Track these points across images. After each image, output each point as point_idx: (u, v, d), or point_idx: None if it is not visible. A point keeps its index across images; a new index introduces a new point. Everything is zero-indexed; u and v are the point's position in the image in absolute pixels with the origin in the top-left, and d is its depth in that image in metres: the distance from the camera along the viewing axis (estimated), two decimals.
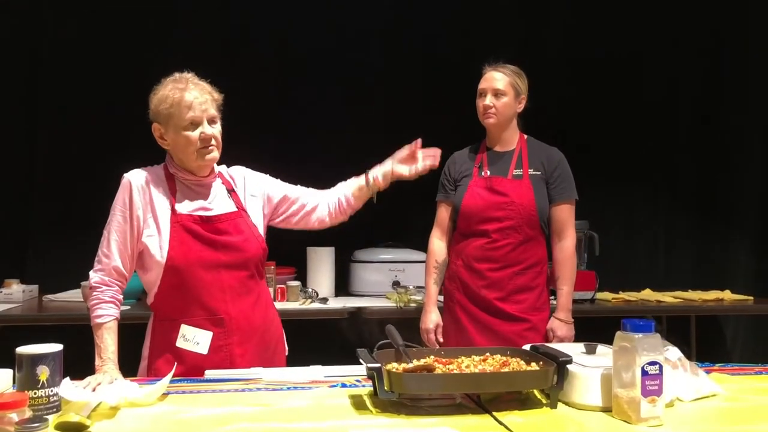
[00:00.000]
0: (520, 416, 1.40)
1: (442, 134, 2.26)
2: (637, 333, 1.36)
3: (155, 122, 1.85)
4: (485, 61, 2.57)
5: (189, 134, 1.80)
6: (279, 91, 3.88)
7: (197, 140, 1.80)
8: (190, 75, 1.86)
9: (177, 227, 1.81)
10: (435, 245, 2.66)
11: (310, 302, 3.25)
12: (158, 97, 1.83)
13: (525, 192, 2.44)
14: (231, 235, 1.86)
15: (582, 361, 1.50)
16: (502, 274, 2.45)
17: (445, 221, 2.62)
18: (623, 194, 4.06)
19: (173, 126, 1.80)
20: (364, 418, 1.40)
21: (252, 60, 3.79)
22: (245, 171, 2.04)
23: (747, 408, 1.50)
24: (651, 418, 1.33)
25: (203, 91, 1.83)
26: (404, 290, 3.32)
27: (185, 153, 1.83)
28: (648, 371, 1.33)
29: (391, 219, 3.85)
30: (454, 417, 1.39)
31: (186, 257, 1.79)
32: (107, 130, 3.68)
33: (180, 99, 1.79)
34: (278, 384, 1.65)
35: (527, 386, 1.46)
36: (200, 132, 1.80)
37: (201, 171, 1.88)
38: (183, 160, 1.85)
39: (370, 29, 3.93)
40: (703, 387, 1.56)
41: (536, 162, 2.49)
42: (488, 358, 1.57)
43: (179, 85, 1.82)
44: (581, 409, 1.44)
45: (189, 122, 1.79)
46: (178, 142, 1.82)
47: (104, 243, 1.83)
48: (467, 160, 2.58)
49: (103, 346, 1.73)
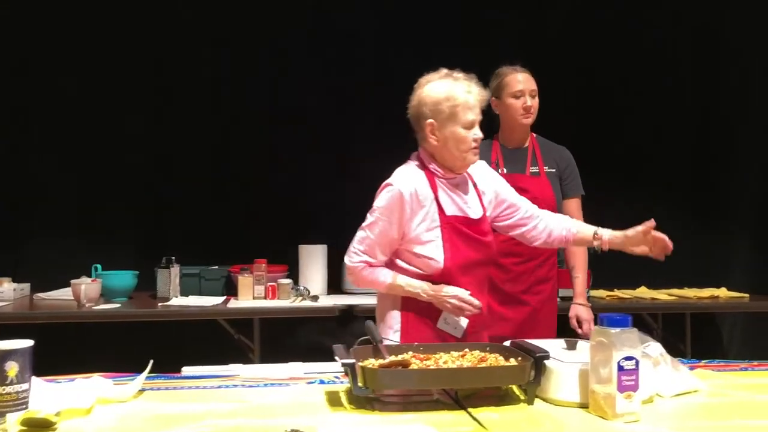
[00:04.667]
0: (496, 412, 1.38)
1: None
2: (614, 328, 1.34)
3: (429, 119, 1.90)
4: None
5: (465, 134, 1.87)
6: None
7: (471, 141, 1.89)
8: (469, 76, 1.92)
9: (447, 229, 1.90)
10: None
11: (301, 300, 3.23)
12: (437, 92, 1.89)
13: (545, 188, 2.56)
14: (486, 235, 1.98)
15: (560, 356, 1.48)
16: (525, 267, 2.54)
17: None
18: (618, 191, 4.02)
19: (451, 124, 1.87)
20: (338, 414, 1.39)
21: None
22: (480, 164, 2.06)
23: (727, 404, 1.49)
24: (627, 414, 1.32)
25: (479, 96, 1.91)
26: None
27: (457, 150, 1.90)
28: (624, 366, 1.32)
29: None
30: (430, 413, 1.38)
31: (456, 259, 1.89)
32: (97, 132, 3.69)
33: (466, 101, 1.87)
34: (255, 381, 1.63)
35: (503, 382, 1.44)
36: (474, 134, 1.89)
37: (462, 169, 1.97)
38: (447, 157, 1.92)
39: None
40: (684, 383, 1.54)
41: (550, 160, 2.62)
42: (467, 353, 1.56)
43: (463, 86, 1.88)
44: (559, 405, 1.42)
45: (470, 123, 1.88)
46: (452, 139, 1.88)
47: (366, 242, 1.93)
48: (482, 157, 2.64)
49: (416, 285, 1.88)
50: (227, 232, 3.78)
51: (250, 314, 3.17)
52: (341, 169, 3.90)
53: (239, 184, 3.88)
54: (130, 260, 3.44)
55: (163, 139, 3.83)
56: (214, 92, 3.87)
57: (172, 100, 3.84)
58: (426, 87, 1.92)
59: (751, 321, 3.95)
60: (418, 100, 1.93)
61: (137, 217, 3.77)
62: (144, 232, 3.76)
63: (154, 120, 3.83)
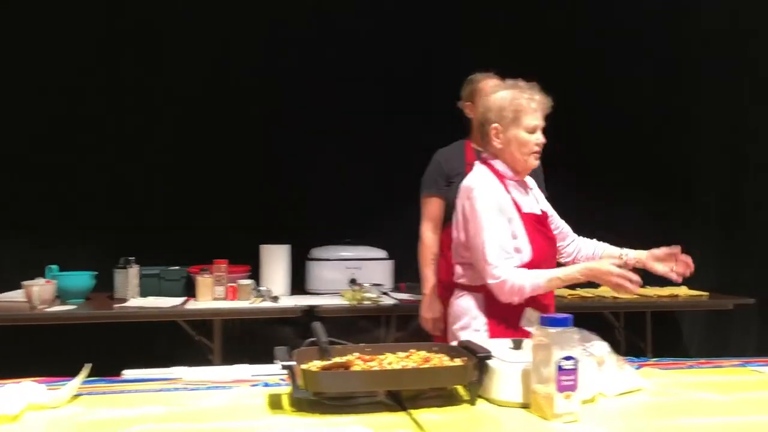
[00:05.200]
0: (438, 413, 1.37)
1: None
2: (553, 328, 1.33)
3: (494, 123, 2.00)
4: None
5: (528, 138, 1.98)
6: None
7: (533, 144, 1.99)
8: (531, 84, 2.02)
9: (529, 225, 2.00)
10: (430, 238, 2.75)
11: (261, 301, 3.20)
12: (502, 99, 2.00)
13: None
14: (552, 232, 2.11)
15: (504, 356, 1.47)
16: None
17: (438, 215, 2.72)
18: (582, 190, 4.05)
19: (514, 127, 1.98)
20: (277, 417, 1.36)
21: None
22: (530, 180, 2.18)
23: (669, 402, 1.49)
24: (566, 414, 1.31)
25: (542, 102, 2.00)
26: (358, 288, 3.29)
27: (519, 153, 2.00)
28: (563, 366, 1.31)
29: (350, 216, 3.83)
30: (371, 415, 1.36)
31: (539, 252, 1.98)
32: (53, 127, 3.61)
33: (529, 106, 1.97)
34: (198, 383, 1.60)
35: (445, 382, 1.43)
36: (536, 138, 1.99)
37: (523, 172, 2.07)
38: (510, 160, 2.03)
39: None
40: (628, 382, 1.54)
41: None
42: (412, 354, 1.54)
43: (526, 94, 1.99)
44: (501, 405, 1.41)
45: (532, 127, 1.98)
46: (515, 141, 1.99)
47: (496, 247, 1.92)
48: (456, 158, 2.71)
49: (571, 270, 1.95)
50: (192, 233, 3.72)
51: (209, 315, 3.13)
52: (306, 169, 3.88)
53: (202, 183, 3.84)
54: (93, 261, 3.38)
55: (123, 138, 3.77)
56: (171, 91, 3.82)
57: (131, 97, 3.78)
58: (492, 95, 2.05)
59: (710, 319, 4.01)
60: (484, 107, 2.05)
61: (100, 216, 3.70)
62: (108, 232, 3.69)
63: (113, 117, 3.76)
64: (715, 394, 1.54)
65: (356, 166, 3.88)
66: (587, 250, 2.21)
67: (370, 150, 3.87)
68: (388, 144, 3.79)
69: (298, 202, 3.84)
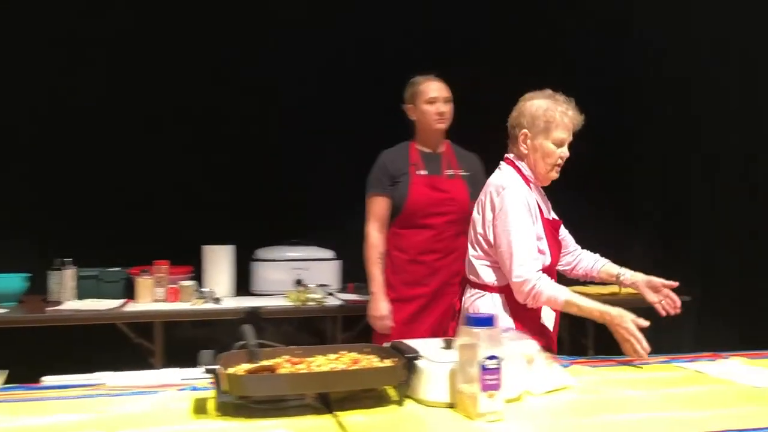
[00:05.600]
0: (365, 415, 1.36)
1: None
2: (478, 327, 1.34)
3: (524, 130, 2.06)
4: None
5: (554, 150, 2.04)
6: None
7: (558, 157, 2.05)
8: (569, 99, 2.07)
9: (548, 230, 2.07)
10: (376, 237, 2.75)
11: (204, 303, 3.14)
12: (537, 107, 2.04)
13: (460, 190, 2.70)
14: (559, 240, 2.19)
15: (433, 356, 1.48)
16: (443, 262, 2.67)
17: (384, 214, 2.73)
18: None
19: (543, 137, 2.04)
20: (200, 422, 1.33)
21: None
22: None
23: (594, 400, 1.51)
24: (489, 413, 1.31)
25: (574, 119, 2.05)
26: (303, 289, 3.26)
27: (542, 162, 2.06)
28: (487, 366, 1.32)
29: (296, 217, 3.80)
30: (296, 418, 1.34)
31: (555, 260, 2.09)
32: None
33: (562, 120, 2.02)
34: (121, 389, 1.55)
35: (373, 384, 1.42)
36: (561, 151, 2.05)
37: (543, 182, 2.12)
38: (536, 166, 2.07)
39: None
40: (555, 380, 1.56)
41: (464, 164, 2.76)
42: (343, 355, 1.53)
43: (561, 107, 2.03)
44: (429, 405, 1.41)
45: (560, 141, 2.04)
46: (541, 150, 2.04)
47: (523, 249, 1.96)
48: (401, 159, 2.74)
49: (594, 306, 1.97)
50: (133, 233, 3.63)
51: (148, 317, 3.06)
52: (250, 169, 3.83)
53: (143, 181, 3.74)
54: (27, 262, 3.25)
55: (61, 135, 3.65)
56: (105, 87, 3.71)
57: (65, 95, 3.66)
58: (529, 102, 2.09)
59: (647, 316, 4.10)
60: (519, 111, 2.09)
61: (35, 216, 3.57)
62: (43, 232, 3.55)
63: (49, 116, 3.64)
64: (639, 390, 1.58)
65: (304, 166, 3.86)
66: (586, 263, 2.25)
67: (317, 150, 3.85)
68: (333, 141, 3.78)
69: (244, 202, 3.79)
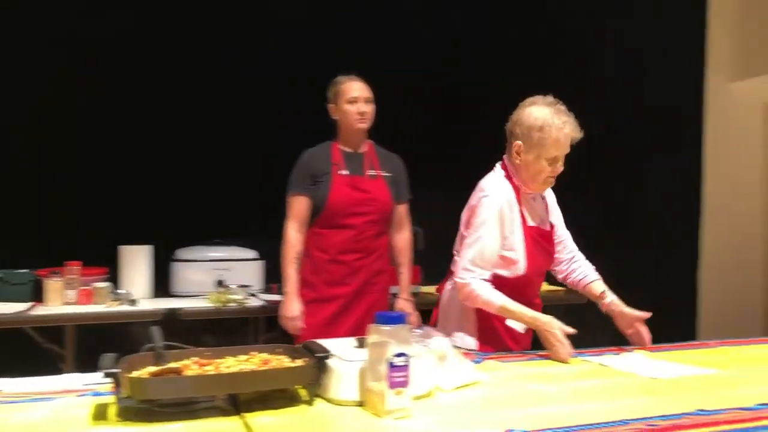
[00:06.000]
0: (273, 416, 1.34)
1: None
2: (387, 325, 1.35)
3: (518, 141, 2.06)
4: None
5: (546, 167, 2.03)
6: None
7: (548, 173, 2.04)
8: (569, 113, 2.04)
9: (529, 239, 2.08)
10: (294, 237, 2.71)
11: (119, 305, 3.03)
12: (535, 118, 2.01)
13: (382, 190, 2.70)
14: (553, 247, 2.22)
15: (344, 355, 1.47)
16: (364, 262, 2.67)
17: (304, 214, 2.71)
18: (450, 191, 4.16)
19: (536, 155, 2.03)
20: (98, 428, 1.28)
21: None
22: (549, 192, 2.26)
23: (501, 394, 1.55)
24: (397, 410, 1.32)
25: (571, 136, 2.02)
26: (224, 290, 3.19)
27: (534, 178, 2.07)
28: (394, 363, 1.33)
29: (218, 217, 3.72)
30: (201, 421, 1.31)
31: (535, 266, 2.09)
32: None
33: (557, 138, 2.00)
34: (19, 396, 1.47)
35: (281, 384, 1.40)
36: (551, 169, 2.04)
37: (533, 192, 2.13)
38: (527, 180, 2.09)
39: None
40: (466, 376, 1.59)
41: (386, 165, 2.76)
42: (253, 356, 1.51)
43: (558, 121, 2.00)
44: (339, 404, 1.41)
45: (553, 158, 2.02)
46: (532, 167, 2.05)
47: (477, 257, 2.01)
48: (323, 158, 2.72)
49: (527, 312, 1.99)
50: (46, 234, 3.46)
51: (58, 321, 2.92)
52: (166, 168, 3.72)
53: (58, 179, 3.57)
54: None
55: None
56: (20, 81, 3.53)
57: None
58: (528, 108, 2.05)
59: (567, 313, 4.24)
60: (517, 117, 2.07)
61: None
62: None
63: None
64: (546, 384, 1.63)
65: (228, 165, 3.79)
66: (577, 275, 2.27)
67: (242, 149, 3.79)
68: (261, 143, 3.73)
69: (162, 201, 3.68)
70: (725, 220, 4.92)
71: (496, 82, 4.03)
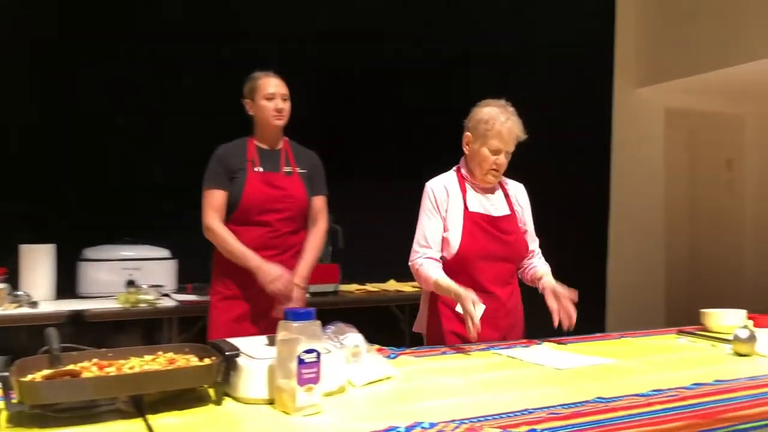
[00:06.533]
0: (178, 417, 1.30)
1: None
2: (296, 322, 1.33)
3: (468, 132, 2.27)
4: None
5: (489, 156, 2.22)
6: None
7: (492, 164, 2.22)
8: (516, 114, 2.23)
9: (469, 222, 2.21)
10: (219, 225, 2.57)
11: (17, 307, 2.86)
12: (483, 114, 2.23)
13: (297, 187, 2.66)
14: (508, 234, 2.28)
15: (254, 353, 1.45)
16: (282, 258, 2.61)
17: (223, 207, 2.62)
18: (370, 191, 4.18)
19: (480, 143, 2.22)
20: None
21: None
22: (520, 188, 2.43)
23: (411, 388, 1.57)
24: (307, 407, 1.32)
25: (514, 131, 2.20)
26: (134, 290, 3.07)
27: (480, 167, 2.25)
28: (304, 359, 1.32)
29: (127, 214, 3.57)
30: (102, 424, 1.26)
31: (473, 248, 2.20)
32: None
33: (500, 130, 2.19)
34: None
35: (186, 384, 1.36)
36: (496, 158, 2.21)
37: (482, 183, 2.29)
38: (474, 169, 2.27)
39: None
40: (378, 371, 1.60)
41: (302, 162, 2.73)
42: (159, 356, 1.46)
43: (502, 117, 2.20)
44: (248, 403, 1.39)
45: (495, 149, 2.20)
46: (478, 157, 2.24)
47: (419, 238, 2.24)
48: (238, 154, 2.66)
49: (453, 287, 2.06)
50: None
51: None
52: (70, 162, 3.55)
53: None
54: None
55: None
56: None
57: None
58: (480, 107, 2.27)
59: None
60: (471, 114, 2.28)
61: None
62: None
63: None
64: (456, 377, 1.66)
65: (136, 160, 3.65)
66: (530, 268, 2.35)
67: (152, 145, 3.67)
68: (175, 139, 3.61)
69: (71, 198, 3.50)
70: (631, 220, 5.20)
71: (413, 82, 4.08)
